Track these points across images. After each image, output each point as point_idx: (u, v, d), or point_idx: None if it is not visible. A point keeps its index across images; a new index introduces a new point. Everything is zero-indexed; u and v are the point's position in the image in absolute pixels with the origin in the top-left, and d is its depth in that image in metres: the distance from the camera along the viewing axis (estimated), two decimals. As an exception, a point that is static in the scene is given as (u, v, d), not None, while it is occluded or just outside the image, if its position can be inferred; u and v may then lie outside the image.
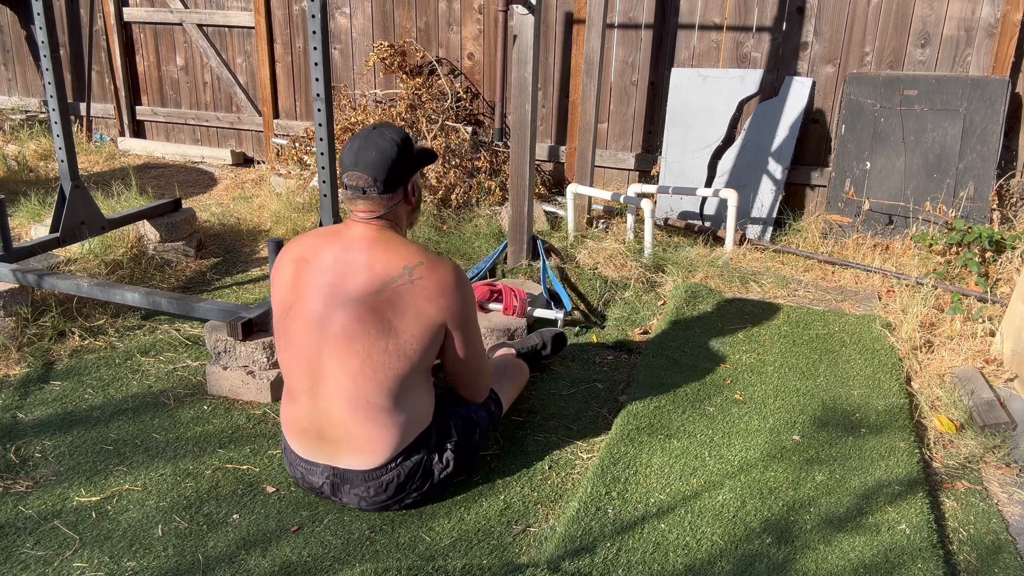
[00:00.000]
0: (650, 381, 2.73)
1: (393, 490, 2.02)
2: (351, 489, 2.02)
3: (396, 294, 1.93)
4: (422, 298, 1.95)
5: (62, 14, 6.07)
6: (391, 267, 1.94)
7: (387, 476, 2.00)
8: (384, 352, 1.93)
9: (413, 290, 1.94)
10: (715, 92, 4.40)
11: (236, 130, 5.99)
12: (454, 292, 1.99)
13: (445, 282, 1.97)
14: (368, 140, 1.95)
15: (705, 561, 1.87)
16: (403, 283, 1.94)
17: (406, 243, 2.01)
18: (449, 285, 1.98)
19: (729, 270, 3.76)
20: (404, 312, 1.94)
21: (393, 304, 1.93)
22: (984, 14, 3.97)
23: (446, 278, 1.98)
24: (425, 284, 1.95)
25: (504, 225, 4.17)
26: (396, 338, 1.94)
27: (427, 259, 1.98)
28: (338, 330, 1.93)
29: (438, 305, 1.96)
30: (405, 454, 2.01)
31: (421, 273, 1.95)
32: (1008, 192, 4.01)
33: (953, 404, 2.62)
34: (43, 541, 1.95)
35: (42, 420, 2.50)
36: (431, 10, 5.06)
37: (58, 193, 3.39)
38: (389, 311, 1.93)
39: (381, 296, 1.93)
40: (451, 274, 2.00)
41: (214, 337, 2.67)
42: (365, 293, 1.92)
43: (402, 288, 1.93)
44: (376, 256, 1.95)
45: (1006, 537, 2.06)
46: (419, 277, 1.95)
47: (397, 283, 1.93)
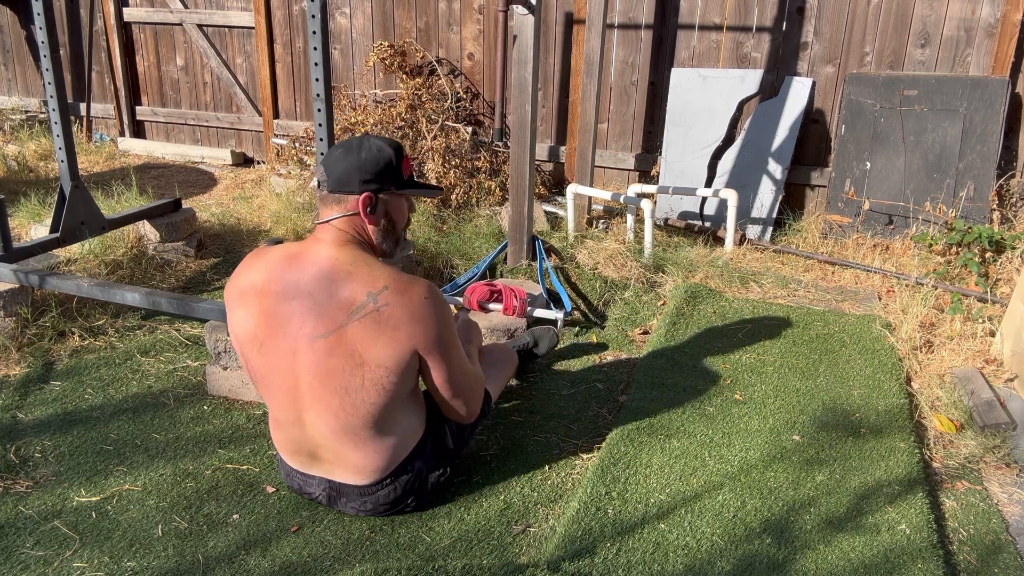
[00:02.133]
0: (650, 381, 2.73)
1: (390, 503, 2.01)
2: (348, 502, 2.01)
3: (362, 325, 1.79)
4: (389, 327, 1.79)
5: (62, 14, 6.07)
6: (355, 295, 1.79)
7: (383, 492, 1.98)
8: (360, 388, 1.82)
9: (380, 318, 1.78)
10: (715, 92, 4.40)
11: (236, 130, 5.99)
12: (424, 317, 1.81)
13: (414, 306, 1.80)
14: (351, 141, 1.88)
15: (705, 561, 1.87)
16: (368, 312, 1.78)
17: (370, 264, 1.84)
18: (418, 309, 1.81)
19: (729, 270, 3.76)
20: (373, 343, 1.79)
21: (360, 336, 1.79)
22: (984, 14, 3.97)
23: (414, 302, 1.80)
24: (392, 311, 1.79)
25: (504, 225, 4.17)
26: (369, 372, 1.81)
27: (393, 282, 1.81)
28: (312, 368, 1.83)
29: (407, 332, 1.80)
30: (399, 470, 1.98)
31: (386, 299, 1.79)
32: (1008, 192, 4.01)
33: (953, 404, 2.62)
34: (43, 541, 1.95)
35: (42, 420, 2.50)
36: (431, 10, 5.06)
37: (58, 193, 3.39)
38: (358, 344, 1.79)
39: (348, 329, 1.79)
40: (420, 297, 1.81)
41: (214, 337, 2.66)
42: (332, 327, 1.79)
43: (368, 318, 1.78)
44: (338, 283, 1.80)
45: (1006, 537, 2.06)
46: (384, 304, 1.78)
47: (362, 313, 1.78)
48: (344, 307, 1.79)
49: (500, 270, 3.73)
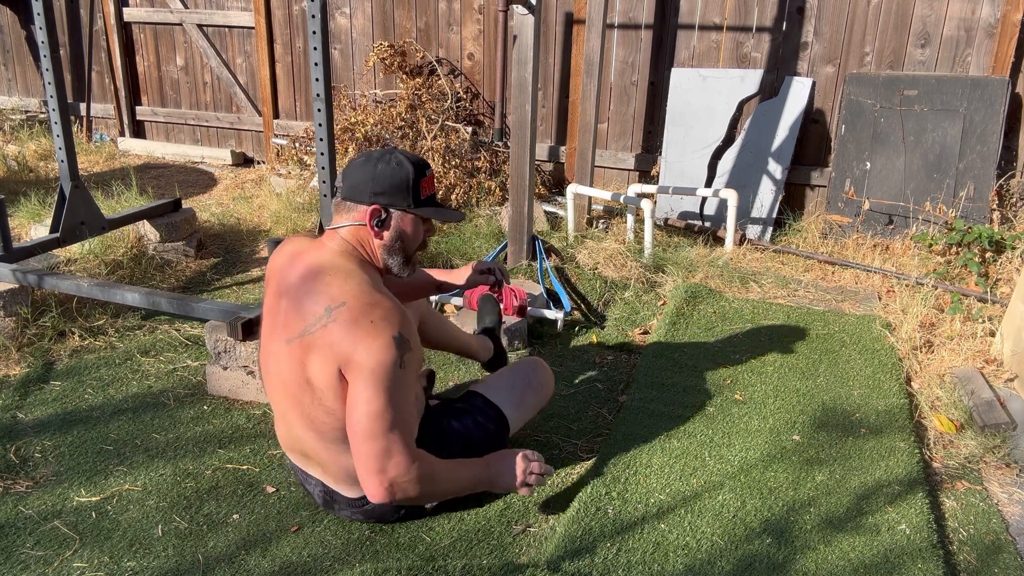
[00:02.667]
0: (650, 381, 2.73)
1: (378, 516, 1.99)
2: (340, 508, 2.01)
3: (311, 339, 1.70)
4: (327, 342, 1.67)
5: (62, 14, 6.07)
6: (317, 307, 1.71)
7: (369, 506, 1.96)
8: (311, 405, 1.76)
9: (325, 334, 1.68)
10: (715, 92, 4.40)
11: (236, 130, 5.99)
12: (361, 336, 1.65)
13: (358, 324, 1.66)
14: (376, 151, 1.84)
15: (705, 561, 1.87)
16: (319, 328, 1.69)
17: (349, 278, 1.74)
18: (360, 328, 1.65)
19: (729, 270, 3.76)
20: (314, 361, 1.70)
21: (308, 351, 1.71)
22: (984, 14, 3.97)
23: (360, 322, 1.66)
24: (336, 327, 1.66)
25: (504, 225, 4.17)
26: (316, 393, 1.73)
27: (353, 300, 1.69)
28: (281, 372, 1.82)
29: (338, 348, 1.66)
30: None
31: (337, 315, 1.67)
32: (1008, 192, 4.01)
33: (953, 404, 2.62)
34: (43, 541, 1.95)
35: (42, 420, 2.50)
36: (431, 10, 5.06)
37: (58, 193, 3.39)
38: (305, 360, 1.72)
39: (302, 341, 1.72)
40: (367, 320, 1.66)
41: (214, 337, 2.67)
42: (293, 335, 1.75)
43: (317, 334, 1.69)
44: (310, 292, 1.74)
45: (1006, 537, 2.06)
46: (333, 320, 1.67)
47: (315, 328, 1.70)
48: (306, 317, 1.73)
49: (500, 270, 3.73)
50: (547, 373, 2.26)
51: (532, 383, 2.17)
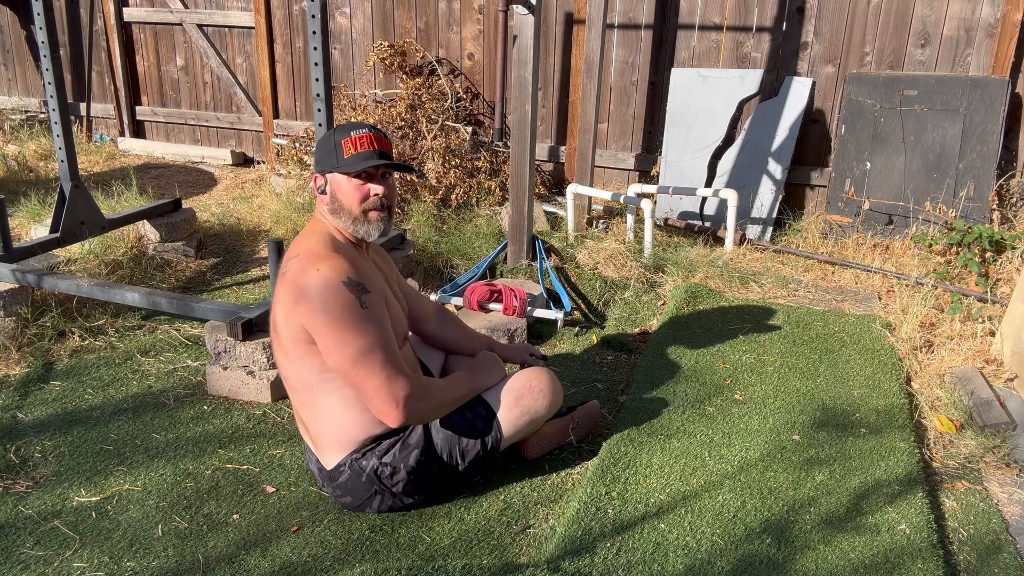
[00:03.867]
0: (650, 381, 2.73)
1: (352, 493, 2.01)
2: (326, 486, 2.06)
3: (277, 289, 1.96)
4: (283, 292, 1.91)
5: (62, 14, 6.08)
6: (284, 259, 1.98)
7: (342, 479, 2.00)
8: (278, 350, 1.97)
9: (283, 282, 1.92)
10: (715, 92, 4.40)
11: (236, 130, 5.99)
12: (309, 290, 1.84)
13: (306, 277, 1.85)
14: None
15: (705, 561, 1.87)
16: (281, 275, 1.94)
17: (309, 237, 1.98)
18: (308, 281, 1.84)
19: (729, 270, 3.76)
20: (277, 305, 1.93)
21: (276, 297, 1.96)
22: (984, 14, 3.97)
23: (308, 274, 1.86)
24: (288, 276, 1.90)
25: (504, 225, 4.17)
26: (278, 332, 1.95)
27: (305, 252, 1.92)
28: (271, 324, 2.01)
29: (293, 299, 1.87)
30: (355, 457, 1.98)
31: (290, 266, 1.91)
32: (1008, 192, 4.01)
33: (953, 404, 2.62)
34: (43, 541, 1.95)
35: (42, 420, 2.50)
36: (431, 10, 5.06)
37: (58, 193, 3.39)
38: (275, 305, 1.96)
39: (275, 289, 1.98)
40: (313, 271, 1.85)
41: (214, 337, 2.66)
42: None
43: (280, 280, 1.94)
44: (295, 243, 2.01)
45: (1006, 537, 2.06)
46: (287, 270, 1.92)
47: (279, 276, 1.96)
48: (280, 269, 1.98)
49: (500, 270, 3.73)
50: (550, 384, 2.13)
51: (533, 390, 2.10)
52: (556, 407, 2.15)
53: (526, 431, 2.13)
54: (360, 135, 1.96)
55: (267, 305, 2.78)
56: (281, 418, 2.55)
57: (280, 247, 2.76)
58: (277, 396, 2.65)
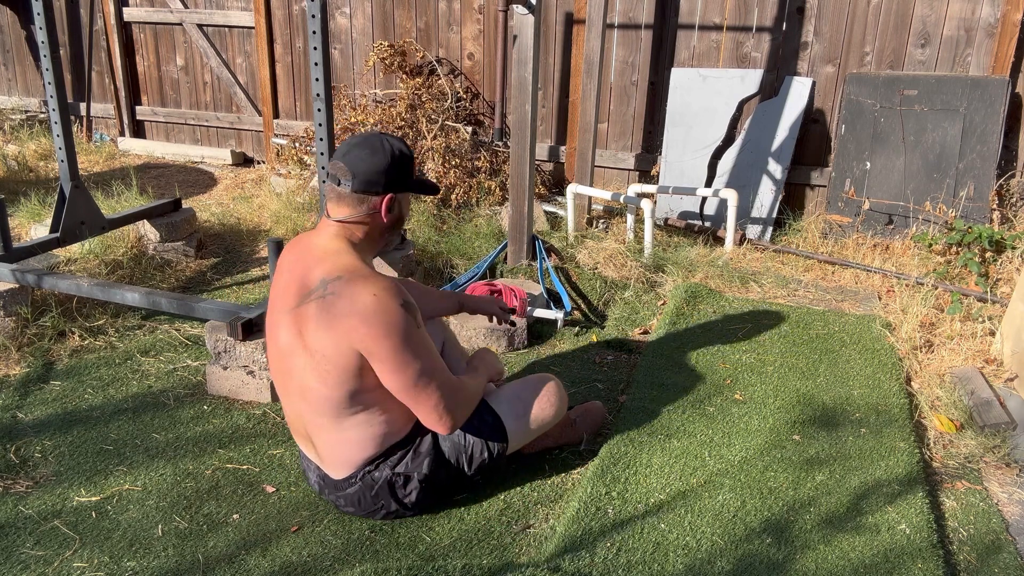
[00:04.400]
0: (650, 381, 2.73)
1: (358, 504, 2.00)
2: (330, 494, 2.03)
3: (309, 308, 1.82)
4: (330, 315, 1.79)
5: (62, 14, 6.07)
6: (314, 279, 1.84)
7: (351, 489, 1.98)
8: (304, 371, 1.86)
9: (323, 306, 1.80)
10: (715, 92, 4.40)
11: (236, 130, 5.99)
12: (367, 315, 1.77)
13: (358, 302, 1.77)
14: (366, 139, 1.88)
15: (705, 561, 1.87)
16: (316, 297, 1.82)
17: (342, 255, 1.86)
18: (362, 306, 1.77)
19: (729, 270, 3.76)
20: (315, 329, 1.81)
21: (306, 319, 1.83)
22: (984, 14, 3.97)
23: (360, 297, 1.77)
24: (335, 301, 1.79)
25: (504, 225, 4.17)
26: (310, 357, 1.83)
27: (349, 274, 1.81)
28: (280, 343, 1.92)
29: (348, 326, 1.77)
30: (368, 470, 1.97)
31: (335, 288, 1.80)
32: (1008, 192, 4.01)
33: (953, 404, 2.62)
34: (43, 541, 1.95)
35: (42, 420, 2.50)
36: (431, 10, 5.06)
37: (58, 193, 3.39)
38: (302, 326, 1.84)
39: (299, 311, 1.85)
40: (368, 294, 1.78)
41: (214, 337, 2.67)
42: (292, 306, 1.87)
43: (315, 303, 1.81)
44: (310, 266, 1.86)
45: (1006, 537, 2.06)
46: (331, 293, 1.80)
47: (312, 297, 1.83)
48: (304, 288, 1.86)
49: (500, 270, 3.73)
50: (557, 392, 2.17)
51: (540, 398, 2.12)
52: (562, 414, 2.19)
53: (532, 436, 2.15)
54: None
55: (267, 305, 2.77)
56: (281, 418, 2.55)
57: (280, 247, 2.75)
58: (277, 396, 2.65)
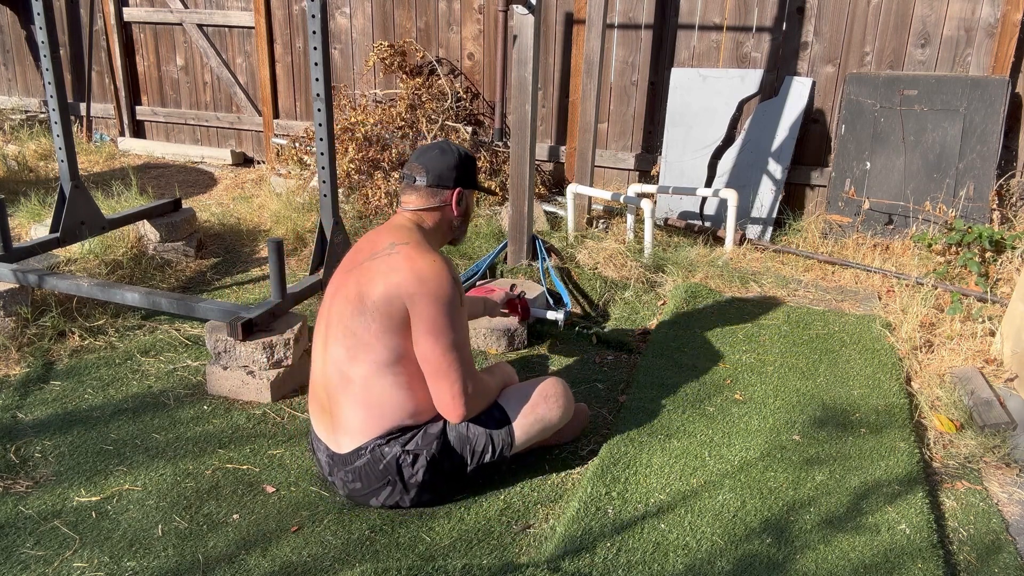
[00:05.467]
0: (650, 381, 2.73)
1: (364, 479, 2.02)
2: (337, 471, 2.06)
3: (372, 264, 1.99)
4: (387, 267, 1.95)
5: (62, 14, 6.07)
6: (383, 243, 2.03)
7: (359, 462, 2.01)
8: (355, 317, 1.97)
9: (388, 260, 1.97)
10: (715, 92, 4.40)
11: (236, 130, 5.99)
12: (425, 277, 1.93)
13: (416, 264, 1.94)
14: (437, 143, 2.15)
15: (705, 561, 1.87)
16: (381, 255, 1.99)
17: (415, 233, 2.06)
18: (418, 269, 1.94)
19: (729, 270, 3.76)
20: (374, 282, 1.96)
21: (368, 273, 1.98)
22: (984, 14, 3.97)
23: (420, 262, 1.95)
24: (398, 258, 1.96)
25: (504, 225, 4.17)
26: (363, 304, 1.96)
27: (416, 243, 2.01)
28: (342, 299, 2.02)
29: (402, 278, 1.93)
30: (379, 443, 2.00)
31: (400, 250, 1.98)
32: (1008, 192, 4.01)
33: (953, 404, 2.62)
34: (43, 541, 1.95)
35: (42, 420, 2.50)
36: (431, 10, 5.06)
37: (58, 193, 3.39)
38: (364, 282, 1.97)
39: (365, 265, 2.00)
40: (431, 260, 1.96)
41: (214, 337, 2.67)
42: (358, 264, 2.03)
43: (379, 259, 1.98)
44: (381, 235, 2.06)
45: (1006, 537, 2.06)
46: (396, 252, 1.97)
47: (378, 255, 2.00)
48: (373, 250, 2.04)
49: (500, 270, 3.73)
50: (564, 394, 2.20)
51: (548, 399, 2.16)
52: (568, 416, 2.22)
53: (537, 438, 2.18)
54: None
55: (267, 305, 2.78)
56: (281, 418, 2.55)
57: (280, 247, 2.76)
58: (277, 396, 2.65)
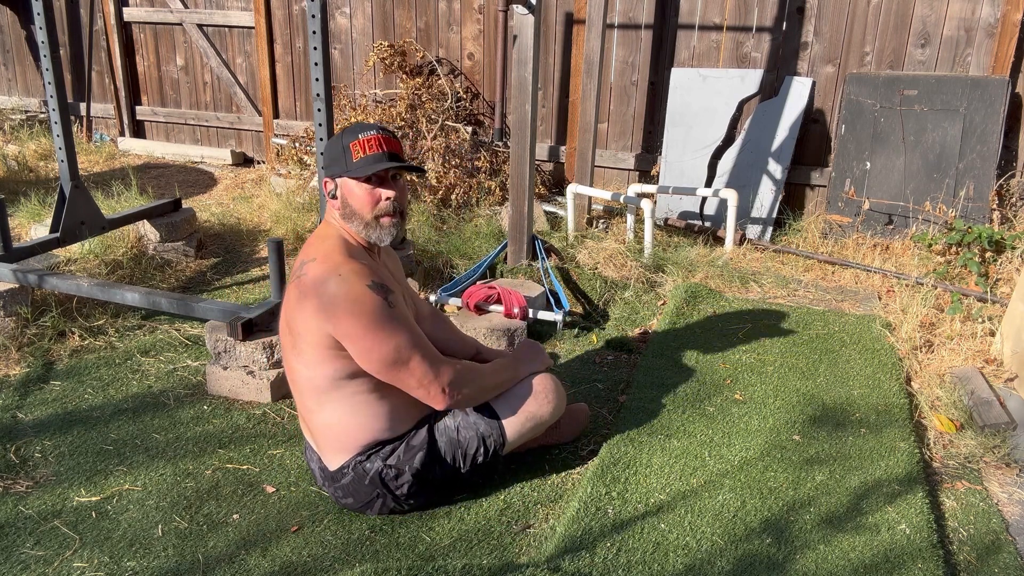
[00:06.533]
0: (650, 381, 2.73)
1: (354, 495, 2.00)
2: (328, 486, 2.05)
3: (288, 291, 1.94)
4: (299, 293, 1.88)
5: (62, 14, 6.07)
6: (300, 260, 1.95)
7: (345, 480, 1.99)
8: (289, 351, 1.94)
9: (300, 285, 1.88)
10: (715, 92, 4.40)
11: (236, 130, 5.99)
12: (333, 298, 1.82)
13: (325, 282, 1.84)
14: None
15: (705, 561, 1.87)
16: (295, 278, 1.92)
17: (326, 240, 1.95)
18: (328, 286, 1.83)
19: (729, 270, 3.76)
20: (294, 309, 1.89)
21: (288, 302, 1.93)
22: (984, 14, 3.97)
23: (326, 278, 1.84)
24: (306, 282, 1.87)
25: (504, 225, 4.17)
26: (293, 336, 1.91)
27: (321, 256, 1.89)
28: (283, 326, 1.99)
29: (316, 305, 1.84)
30: (360, 460, 1.98)
31: (307, 270, 1.89)
32: (1008, 192, 4.01)
33: (953, 404, 2.62)
34: (43, 541, 1.95)
35: (42, 420, 2.50)
36: (431, 10, 5.06)
37: (58, 193, 3.39)
38: (286, 309, 1.94)
39: (288, 292, 1.95)
40: (333, 275, 1.84)
41: (214, 337, 2.66)
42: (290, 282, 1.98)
43: (294, 283, 1.91)
44: (307, 248, 1.98)
45: (1006, 537, 2.06)
46: (304, 274, 1.89)
47: (292, 277, 1.94)
48: (294, 270, 1.96)
49: (500, 270, 3.73)
50: (555, 390, 2.15)
51: (538, 396, 2.11)
52: (560, 412, 2.17)
53: (529, 436, 2.14)
54: (368, 137, 1.92)
55: (267, 305, 2.78)
56: (281, 418, 2.55)
57: (280, 247, 2.76)
58: (277, 396, 2.65)
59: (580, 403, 2.47)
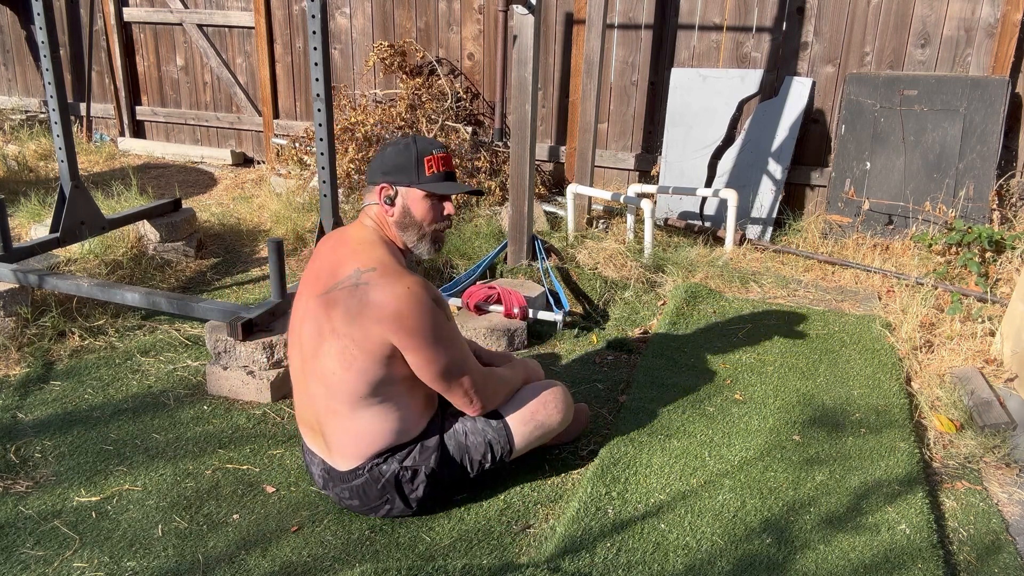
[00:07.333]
0: (650, 381, 2.73)
1: (362, 497, 2.00)
2: (335, 487, 2.04)
3: (340, 295, 1.87)
4: (361, 303, 1.84)
5: (62, 14, 6.07)
6: (346, 268, 1.89)
7: (357, 481, 1.99)
8: (330, 355, 1.89)
9: (356, 293, 1.84)
10: (715, 92, 4.40)
11: (236, 130, 5.99)
12: (400, 308, 1.82)
13: (392, 293, 1.83)
14: (399, 139, 2.02)
15: (705, 561, 1.87)
16: (348, 285, 1.86)
17: (375, 248, 1.92)
18: (395, 298, 1.82)
19: (729, 270, 3.76)
20: (344, 315, 1.85)
21: (336, 306, 1.87)
22: (984, 14, 3.97)
23: (394, 289, 1.83)
24: (368, 291, 1.84)
25: (504, 225, 4.17)
26: (338, 341, 1.87)
27: (382, 267, 1.87)
28: (306, 328, 1.97)
29: (377, 315, 1.83)
30: (376, 463, 1.98)
31: (368, 278, 1.85)
32: (1008, 192, 4.01)
33: (953, 404, 2.62)
34: (43, 541, 1.95)
35: (42, 420, 2.50)
36: (431, 10, 5.06)
37: (58, 193, 3.39)
38: (332, 311, 1.88)
39: (330, 296, 1.89)
40: (403, 287, 1.84)
41: (214, 337, 2.67)
42: (321, 292, 1.92)
43: (345, 291, 1.86)
44: (342, 254, 1.93)
45: (1006, 537, 2.06)
46: (364, 283, 1.85)
47: (343, 285, 1.87)
48: (335, 276, 1.91)
49: (500, 270, 3.73)
50: (564, 400, 2.17)
51: (547, 404, 2.13)
52: (568, 421, 2.20)
53: (537, 444, 2.16)
54: (441, 155, 1.97)
55: (267, 305, 2.78)
56: (281, 418, 2.55)
57: (280, 247, 2.76)
58: (277, 396, 2.65)
59: (580, 403, 2.47)
